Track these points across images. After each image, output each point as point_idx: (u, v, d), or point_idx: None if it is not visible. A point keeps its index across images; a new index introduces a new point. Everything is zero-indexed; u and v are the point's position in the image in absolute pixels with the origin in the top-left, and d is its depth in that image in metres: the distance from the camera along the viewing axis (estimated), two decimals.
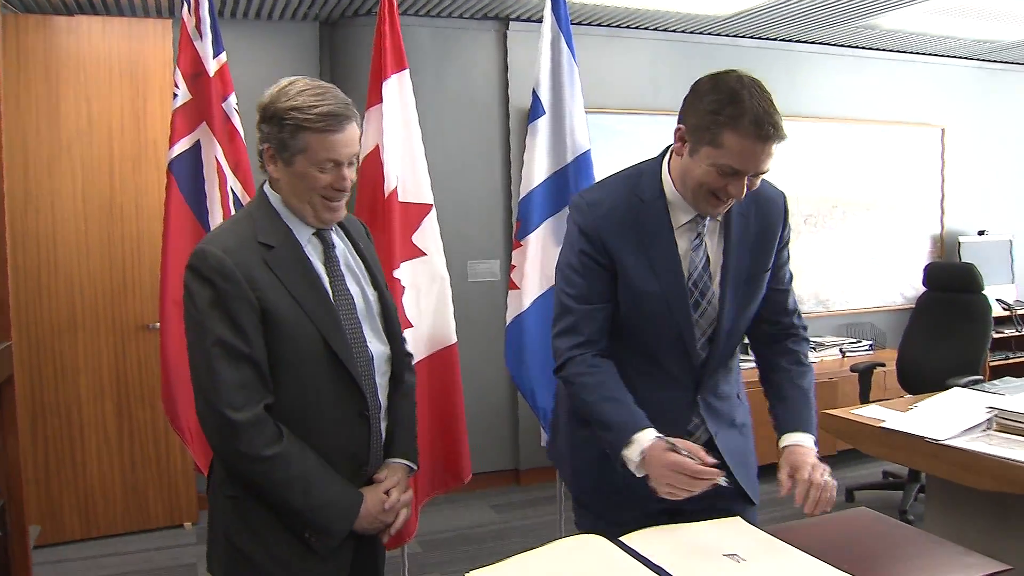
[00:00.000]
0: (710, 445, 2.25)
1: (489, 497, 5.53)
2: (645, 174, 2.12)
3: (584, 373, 2.09)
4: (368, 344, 2.01)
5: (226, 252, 1.84)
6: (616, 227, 2.08)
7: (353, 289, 2.03)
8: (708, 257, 2.13)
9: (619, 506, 2.20)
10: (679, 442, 1.95)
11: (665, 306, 2.11)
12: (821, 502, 1.96)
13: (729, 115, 1.86)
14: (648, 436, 1.98)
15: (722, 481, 1.92)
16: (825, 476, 1.99)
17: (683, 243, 2.11)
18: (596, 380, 2.08)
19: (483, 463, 5.42)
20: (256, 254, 1.88)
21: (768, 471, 2.26)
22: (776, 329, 2.30)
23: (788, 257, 2.28)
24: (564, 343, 2.13)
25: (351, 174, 1.94)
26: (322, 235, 2.00)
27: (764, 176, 2.01)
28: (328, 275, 1.98)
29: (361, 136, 1.97)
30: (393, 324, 2.12)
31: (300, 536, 1.91)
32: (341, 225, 2.09)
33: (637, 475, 1.98)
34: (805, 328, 2.34)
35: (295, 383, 1.90)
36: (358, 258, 2.10)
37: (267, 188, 1.98)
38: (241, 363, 1.82)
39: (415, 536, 3.31)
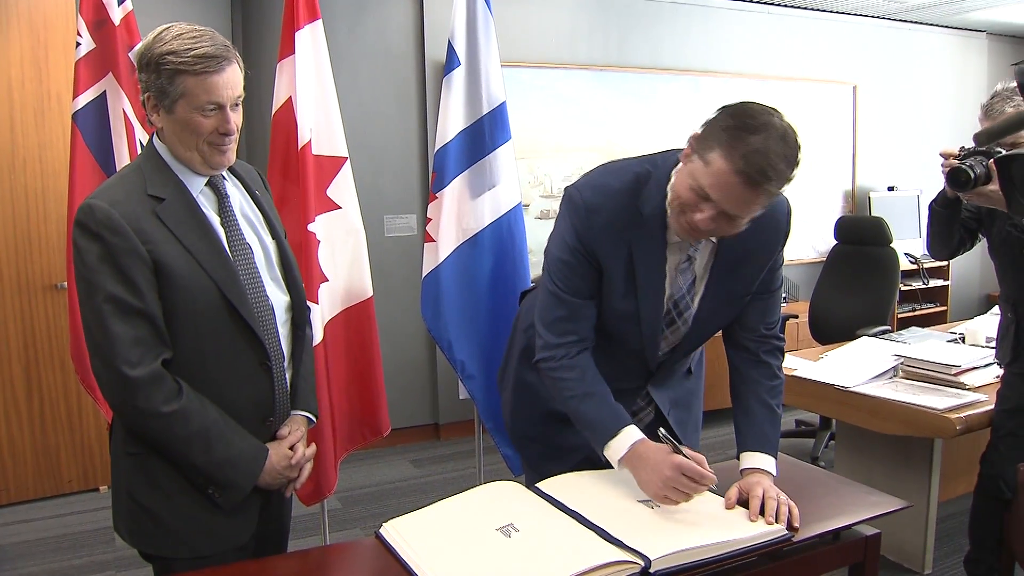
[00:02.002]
0: (658, 417, 2.28)
1: (409, 452, 5.55)
2: (651, 182, 1.96)
3: (566, 367, 2.03)
4: (268, 294, 1.98)
5: (113, 205, 1.77)
6: (609, 241, 1.98)
7: (250, 238, 1.98)
8: (695, 277, 2.05)
9: (549, 459, 2.23)
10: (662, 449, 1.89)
11: (636, 325, 2.07)
12: (780, 514, 1.84)
13: (730, 137, 1.70)
14: (633, 434, 1.94)
15: (712, 488, 1.87)
16: (781, 496, 1.89)
17: (673, 260, 2.02)
18: (576, 375, 2.02)
19: (402, 418, 5.43)
20: (146, 206, 1.81)
21: (711, 416, 2.26)
22: (753, 336, 2.16)
23: (782, 262, 2.13)
24: (555, 337, 2.04)
25: (236, 117, 1.88)
26: (215, 185, 1.95)
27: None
28: (223, 225, 1.93)
29: (245, 78, 1.89)
30: (292, 272, 2.08)
31: (204, 492, 1.89)
32: (236, 174, 2.05)
33: (617, 471, 1.94)
34: (782, 339, 2.19)
35: (193, 336, 1.85)
36: (255, 207, 2.05)
37: (155, 140, 1.92)
38: (134, 318, 1.77)
39: (334, 492, 3.29)
